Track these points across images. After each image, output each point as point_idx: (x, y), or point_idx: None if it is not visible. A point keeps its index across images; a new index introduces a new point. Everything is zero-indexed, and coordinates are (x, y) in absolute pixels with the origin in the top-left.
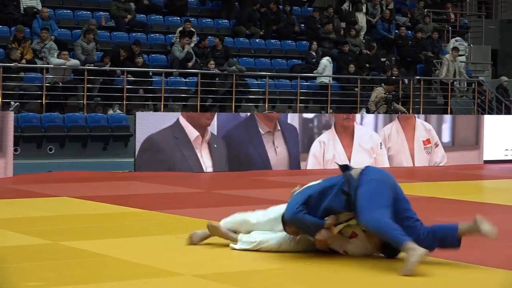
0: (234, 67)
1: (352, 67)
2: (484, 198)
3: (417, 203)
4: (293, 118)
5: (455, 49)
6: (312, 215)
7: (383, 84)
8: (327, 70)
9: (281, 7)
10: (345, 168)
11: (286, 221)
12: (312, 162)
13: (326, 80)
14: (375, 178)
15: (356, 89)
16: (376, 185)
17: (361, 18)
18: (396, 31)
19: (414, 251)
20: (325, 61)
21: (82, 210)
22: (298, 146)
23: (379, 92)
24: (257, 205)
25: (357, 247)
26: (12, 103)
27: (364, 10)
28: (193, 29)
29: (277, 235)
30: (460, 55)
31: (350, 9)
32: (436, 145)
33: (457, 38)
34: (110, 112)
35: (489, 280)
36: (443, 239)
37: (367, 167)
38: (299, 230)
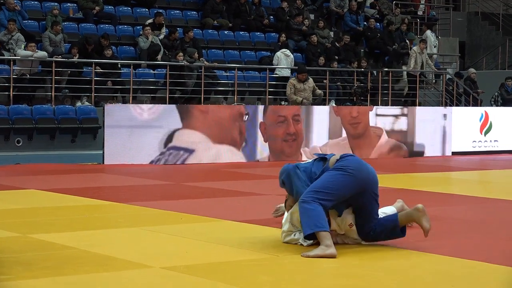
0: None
1: (322, 60)
2: (451, 189)
3: (385, 195)
4: None
5: (423, 41)
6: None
7: (295, 74)
8: (282, 63)
9: None
10: (323, 159)
11: (284, 181)
12: None
13: (283, 72)
14: (344, 167)
15: (324, 81)
16: (338, 174)
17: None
18: (365, 23)
19: (327, 248)
20: (279, 53)
21: (50, 202)
22: None
23: (291, 83)
24: (228, 197)
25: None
26: None
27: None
28: (163, 22)
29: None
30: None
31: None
32: None
33: (429, 30)
34: (78, 104)
35: (458, 271)
36: (387, 232)
37: (347, 155)
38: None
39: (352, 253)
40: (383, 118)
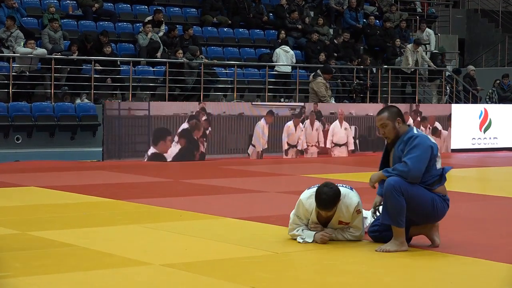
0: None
1: (322, 56)
2: (450, 186)
3: None
4: None
5: (416, 41)
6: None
7: (318, 71)
8: (282, 60)
9: None
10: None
11: (409, 171)
12: None
13: (283, 69)
14: (438, 207)
15: None
16: (430, 206)
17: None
18: (364, 20)
19: (402, 245)
20: (279, 50)
21: (49, 200)
22: None
23: (322, 82)
24: (228, 195)
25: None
26: None
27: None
28: (162, 19)
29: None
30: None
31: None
32: None
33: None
34: (78, 101)
35: (451, 266)
36: (391, 237)
37: (448, 199)
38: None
39: (352, 250)
40: None
